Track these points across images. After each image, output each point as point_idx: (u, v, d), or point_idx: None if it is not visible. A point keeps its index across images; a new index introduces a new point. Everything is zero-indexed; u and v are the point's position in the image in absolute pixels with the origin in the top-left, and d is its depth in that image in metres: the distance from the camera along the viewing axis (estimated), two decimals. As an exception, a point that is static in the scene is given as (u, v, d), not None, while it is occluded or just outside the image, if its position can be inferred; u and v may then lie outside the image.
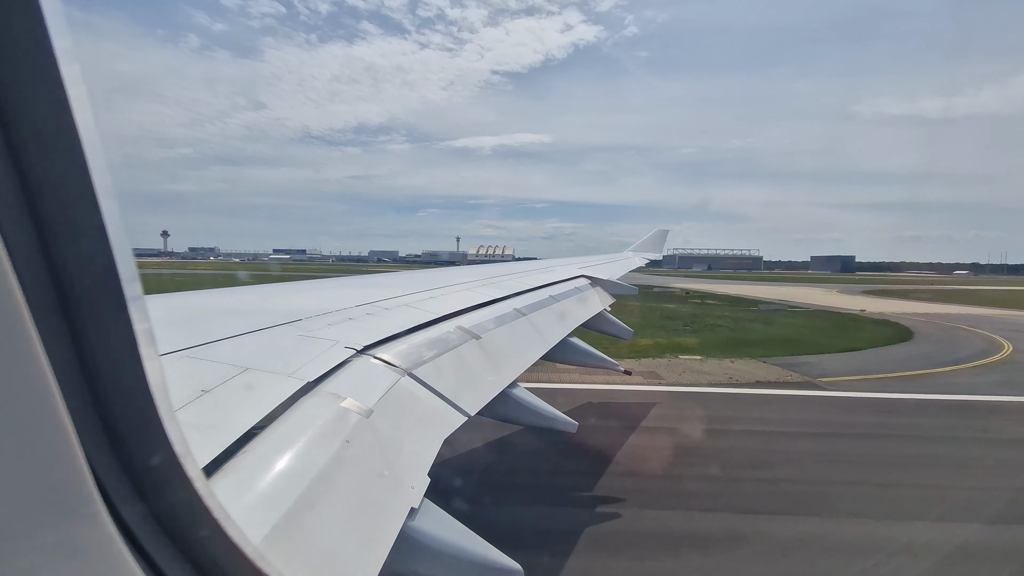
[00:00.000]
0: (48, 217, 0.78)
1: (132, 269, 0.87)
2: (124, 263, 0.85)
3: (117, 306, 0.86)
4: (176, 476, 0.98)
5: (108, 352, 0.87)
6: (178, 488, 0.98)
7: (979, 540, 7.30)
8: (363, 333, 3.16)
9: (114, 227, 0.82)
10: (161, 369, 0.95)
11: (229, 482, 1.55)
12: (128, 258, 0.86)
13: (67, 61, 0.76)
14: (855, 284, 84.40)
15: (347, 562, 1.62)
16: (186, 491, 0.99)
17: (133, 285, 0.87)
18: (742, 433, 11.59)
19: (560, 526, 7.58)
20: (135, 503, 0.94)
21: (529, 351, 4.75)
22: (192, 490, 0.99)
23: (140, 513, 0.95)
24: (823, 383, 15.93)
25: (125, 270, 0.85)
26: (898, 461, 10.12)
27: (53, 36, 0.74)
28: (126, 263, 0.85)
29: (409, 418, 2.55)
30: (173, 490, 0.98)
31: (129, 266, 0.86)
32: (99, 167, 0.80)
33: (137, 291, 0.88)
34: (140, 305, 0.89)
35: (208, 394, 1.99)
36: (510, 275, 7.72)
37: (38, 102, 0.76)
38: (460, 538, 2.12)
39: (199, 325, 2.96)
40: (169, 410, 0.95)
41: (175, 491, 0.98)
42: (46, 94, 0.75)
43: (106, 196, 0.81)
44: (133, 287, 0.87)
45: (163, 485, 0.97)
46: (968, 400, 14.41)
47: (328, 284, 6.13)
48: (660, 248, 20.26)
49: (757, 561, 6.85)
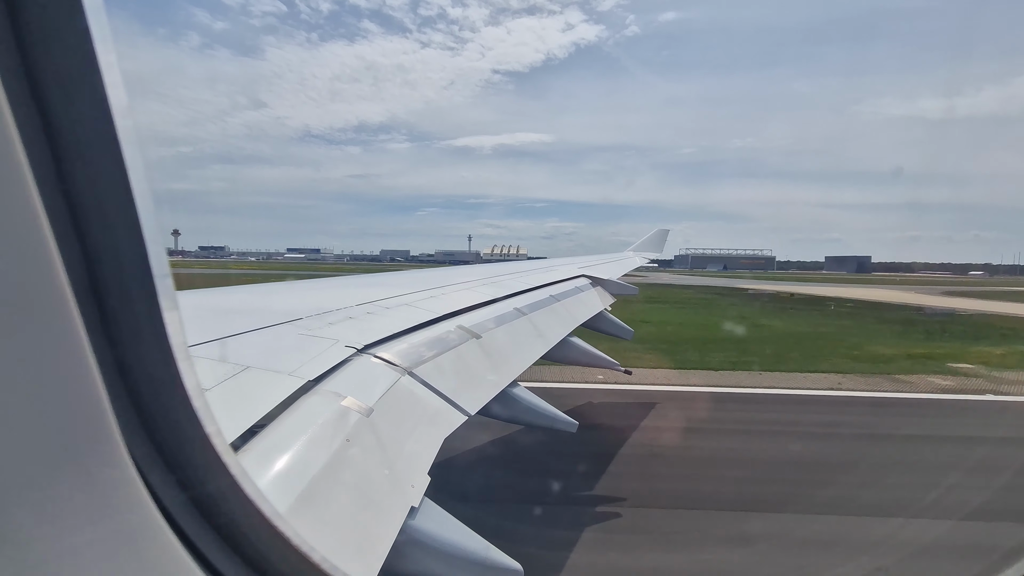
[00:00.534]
0: (86, 216, 0.83)
1: (165, 265, 0.92)
2: (157, 259, 0.90)
3: (150, 301, 0.91)
4: (210, 458, 1.03)
5: (144, 348, 0.93)
6: (212, 468, 1.03)
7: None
8: (363, 332, 3.16)
9: (149, 227, 0.87)
10: (191, 361, 1.00)
11: None
12: (162, 254, 0.91)
13: (108, 62, 0.78)
14: (903, 284, 79.46)
15: (347, 561, 1.61)
16: (220, 472, 1.04)
17: (165, 280, 0.92)
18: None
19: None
20: (173, 487, 0.99)
21: (529, 350, 4.75)
22: (225, 470, 1.04)
23: (178, 497, 1.00)
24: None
25: (158, 266, 0.90)
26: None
27: (96, 37, 0.77)
28: (159, 259, 0.90)
29: (409, 417, 2.55)
30: (207, 472, 1.03)
31: (162, 262, 0.91)
32: (136, 169, 0.84)
33: (170, 286, 0.93)
34: (173, 301, 0.94)
35: (208, 393, 1.99)
36: (510, 274, 7.72)
37: (81, 106, 0.79)
38: (460, 537, 2.12)
39: (199, 324, 2.96)
40: (201, 396, 1.01)
41: (209, 473, 1.03)
42: (89, 97, 0.78)
43: (142, 196, 0.85)
44: (165, 282, 0.92)
45: (198, 468, 1.02)
46: None
47: (328, 283, 6.13)
48: (661, 248, 20.27)
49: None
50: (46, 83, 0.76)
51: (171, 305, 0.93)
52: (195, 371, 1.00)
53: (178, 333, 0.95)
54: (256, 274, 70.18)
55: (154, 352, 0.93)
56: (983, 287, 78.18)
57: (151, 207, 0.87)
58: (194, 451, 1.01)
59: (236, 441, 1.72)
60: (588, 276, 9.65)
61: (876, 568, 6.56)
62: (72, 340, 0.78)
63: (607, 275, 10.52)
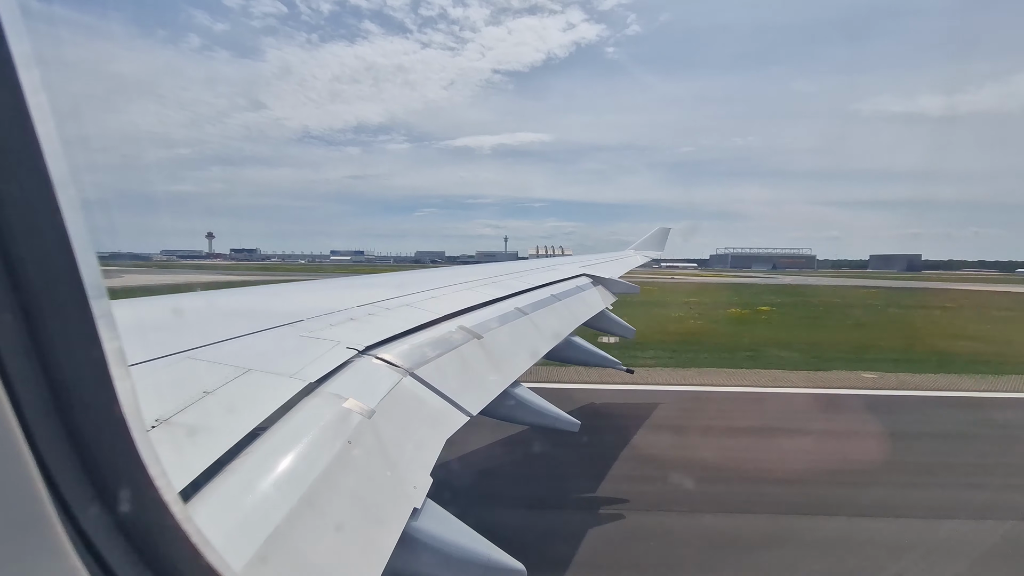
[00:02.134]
0: (7, 224, 0.76)
1: (99, 279, 0.84)
2: (90, 273, 0.82)
3: (82, 318, 0.82)
4: (151, 499, 0.95)
5: (74, 367, 0.84)
6: (153, 512, 0.95)
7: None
8: (365, 333, 3.15)
9: (78, 235, 0.80)
10: (133, 387, 0.91)
11: (231, 484, 1.55)
12: (94, 267, 0.83)
13: (26, 67, 0.74)
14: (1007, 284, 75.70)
15: (350, 563, 1.61)
16: (162, 515, 0.96)
17: (100, 296, 0.84)
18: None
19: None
20: (106, 527, 0.91)
21: (531, 350, 4.74)
22: (168, 513, 0.97)
23: (112, 538, 0.92)
24: None
25: (91, 280, 0.82)
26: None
27: (11, 41, 0.72)
28: (92, 273, 0.82)
29: (411, 418, 2.55)
30: (148, 514, 0.95)
31: (95, 276, 0.83)
32: (61, 174, 0.77)
33: (105, 303, 0.85)
34: (108, 318, 0.86)
35: (210, 395, 1.99)
36: (511, 274, 7.71)
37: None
38: (463, 538, 2.11)
39: (200, 326, 2.96)
40: (142, 430, 0.92)
41: (150, 515, 0.96)
42: (3, 101, 0.73)
43: (69, 203, 0.79)
44: (100, 299, 0.84)
45: (138, 509, 0.94)
46: None
47: (329, 284, 6.13)
48: (662, 246, 20.23)
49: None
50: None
51: (110, 332, 0.85)
52: (138, 409, 0.92)
53: (123, 376, 0.87)
54: (314, 278, 69.99)
55: (87, 385, 0.85)
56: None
57: (82, 222, 0.79)
58: (137, 500, 0.93)
59: (239, 443, 1.72)
60: (589, 275, 9.64)
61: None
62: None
63: (608, 274, 10.50)
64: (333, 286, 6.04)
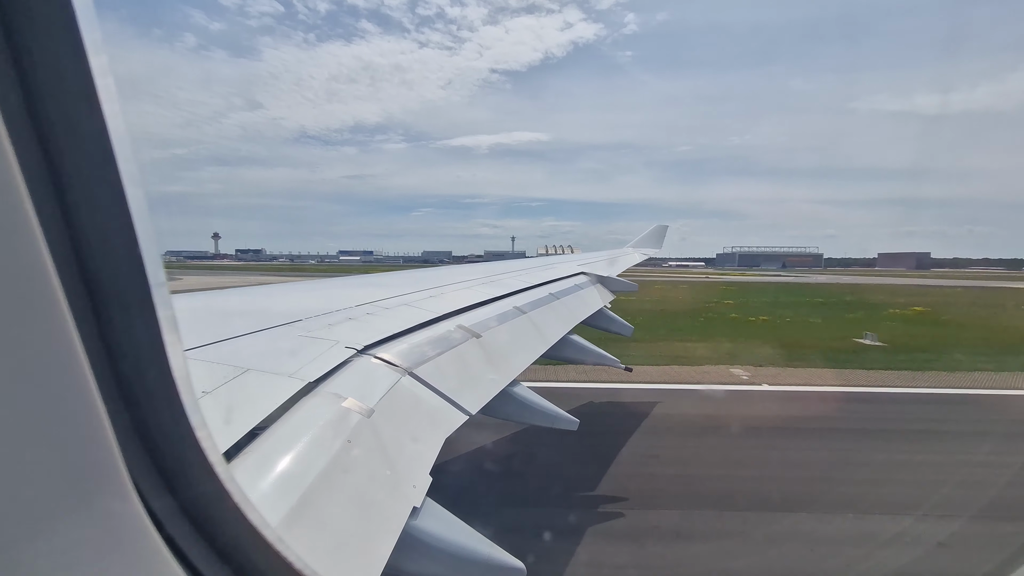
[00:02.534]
0: (78, 213, 0.81)
1: (159, 263, 0.90)
2: (150, 257, 0.88)
3: (143, 299, 0.89)
4: (199, 464, 1.01)
5: (136, 344, 0.91)
6: (202, 476, 1.02)
7: None
8: (363, 333, 3.15)
9: (142, 223, 0.85)
10: (185, 360, 0.97)
11: None
12: (155, 251, 0.89)
13: (96, 54, 0.77)
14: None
15: (349, 563, 1.61)
16: (209, 479, 1.03)
17: (159, 278, 0.91)
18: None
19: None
20: (162, 493, 0.98)
21: (530, 349, 4.74)
22: (215, 477, 1.03)
23: (166, 501, 0.99)
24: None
25: (151, 264, 0.88)
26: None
27: (83, 28, 0.75)
28: (152, 257, 0.88)
29: (410, 417, 2.55)
30: (197, 478, 1.02)
31: (155, 260, 0.89)
32: (127, 163, 0.82)
33: (163, 284, 0.92)
34: (166, 297, 0.92)
35: (208, 395, 1.99)
36: (510, 273, 7.71)
37: (68, 98, 0.77)
38: (463, 537, 2.12)
39: (197, 326, 2.95)
40: (193, 400, 0.99)
41: (199, 479, 1.02)
42: (76, 89, 0.77)
43: (135, 193, 0.84)
44: (159, 280, 0.91)
45: (187, 472, 1.01)
46: None
47: (327, 284, 6.12)
48: (660, 244, 20.23)
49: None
50: (40, 90, 0.75)
51: (171, 328, 0.92)
52: (196, 398, 0.99)
53: (179, 355, 0.94)
54: (327, 278, 68.71)
55: (155, 380, 0.92)
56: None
57: (148, 220, 0.86)
58: (192, 471, 1.01)
59: (238, 443, 1.72)
60: (587, 273, 9.65)
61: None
62: (72, 361, 0.76)
63: (606, 272, 10.52)
64: (331, 286, 6.03)
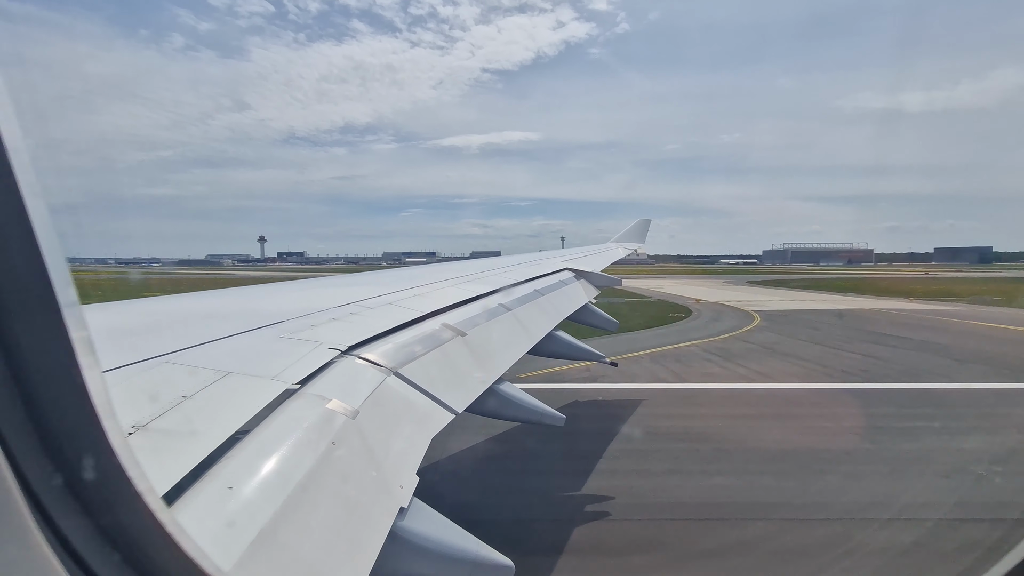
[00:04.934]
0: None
1: (66, 274, 0.84)
2: (57, 269, 0.82)
3: (49, 314, 0.82)
4: (128, 497, 0.94)
5: (42, 364, 0.84)
6: (136, 514, 0.95)
7: None
8: (347, 333, 3.13)
9: (44, 231, 0.79)
10: (104, 384, 0.90)
11: (213, 488, 1.53)
12: (61, 263, 0.82)
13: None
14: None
15: (336, 565, 1.61)
16: (141, 512, 0.95)
17: (68, 291, 0.84)
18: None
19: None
20: (89, 533, 0.90)
21: (515, 346, 4.76)
22: (148, 511, 0.96)
23: (90, 537, 0.91)
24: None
25: (58, 276, 0.82)
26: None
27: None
28: (59, 269, 0.82)
29: (396, 417, 2.54)
30: (127, 512, 0.94)
31: (63, 271, 0.83)
32: (24, 170, 0.76)
33: (72, 297, 0.85)
34: (76, 312, 0.85)
35: (189, 400, 1.95)
36: (494, 270, 7.71)
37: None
38: (451, 536, 2.12)
39: (177, 329, 2.89)
40: (117, 428, 0.91)
41: (129, 513, 0.95)
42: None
43: (33, 199, 0.78)
44: (68, 293, 0.84)
45: (116, 508, 0.93)
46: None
47: (310, 284, 6.05)
48: (643, 238, 20.42)
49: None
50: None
51: (86, 351, 0.85)
52: (114, 414, 0.92)
53: (95, 373, 0.87)
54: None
55: (57, 383, 0.85)
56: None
57: (45, 211, 0.79)
58: (118, 504, 0.93)
59: (220, 447, 1.70)
60: (572, 269, 9.69)
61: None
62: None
63: (590, 267, 10.59)
64: (314, 286, 5.96)
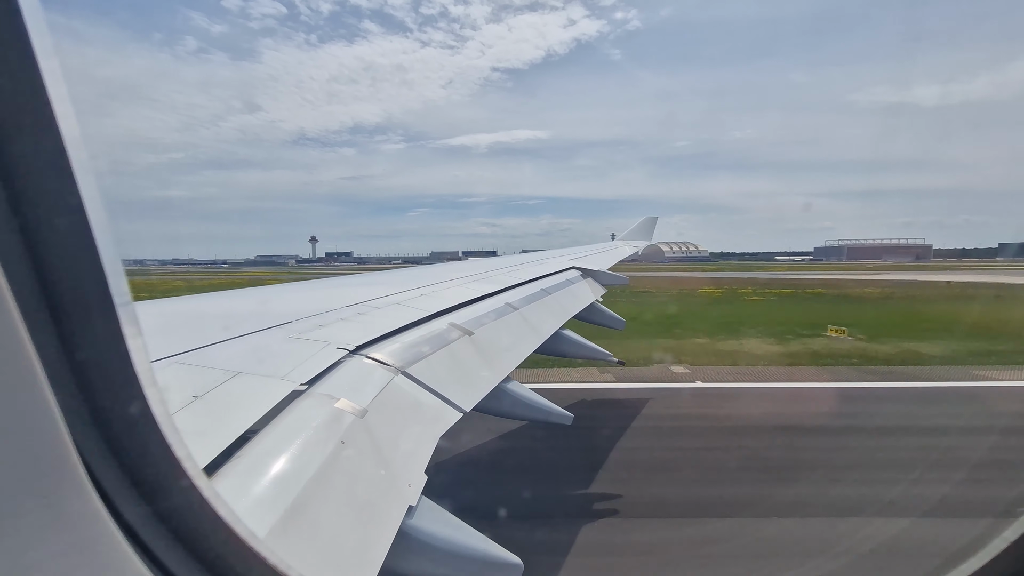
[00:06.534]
0: (35, 222, 0.79)
1: (120, 273, 0.88)
2: (112, 267, 0.86)
3: (105, 309, 0.87)
4: (177, 477, 1.00)
5: (98, 356, 0.89)
6: (181, 489, 1.00)
7: None
8: (355, 333, 3.14)
9: (101, 231, 0.83)
10: (152, 371, 0.96)
11: (224, 487, 1.55)
12: (116, 262, 0.87)
13: (48, 64, 0.75)
14: None
15: (346, 562, 1.62)
16: (189, 491, 1.01)
17: (121, 288, 0.88)
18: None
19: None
20: (138, 506, 0.96)
21: (522, 345, 4.75)
22: (195, 489, 1.01)
23: (144, 515, 0.97)
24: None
25: (113, 274, 0.86)
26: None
27: (33, 39, 0.74)
28: (114, 267, 0.86)
29: (404, 416, 2.55)
30: (176, 491, 1.00)
31: (117, 270, 0.87)
32: (85, 173, 0.80)
33: (126, 294, 0.89)
34: (129, 308, 0.90)
35: (199, 400, 1.98)
36: (501, 269, 7.71)
37: (21, 107, 0.76)
38: (459, 534, 2.13)
39: (188, 331, 2.93)
40: (166, 413, 0.97)
41: (178, 492, 1.00)
42: (30, 99, 0.75)
43: (92, 201, 0.82)
44: (121, 291, 0.88)
45: (166, 487, 0.99)
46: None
47: (317, 285, 6.09)
48: (650, 235, 20.31)
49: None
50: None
51: (134, 332, 0.90)
52: (163, 398, 0.98)
53: (143, 360, 0.92)
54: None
55: (118, 381, 0.91)
56: None
57: (108, 230, 0.84)
58: (165, 478, 0.99)
59: (230, 447, 1.72)
60: (578, 268, 9.67)
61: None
62: (20, 354, 0.74)
63: (597, 266, 10.55)
64: (322, 286, 6.00)
